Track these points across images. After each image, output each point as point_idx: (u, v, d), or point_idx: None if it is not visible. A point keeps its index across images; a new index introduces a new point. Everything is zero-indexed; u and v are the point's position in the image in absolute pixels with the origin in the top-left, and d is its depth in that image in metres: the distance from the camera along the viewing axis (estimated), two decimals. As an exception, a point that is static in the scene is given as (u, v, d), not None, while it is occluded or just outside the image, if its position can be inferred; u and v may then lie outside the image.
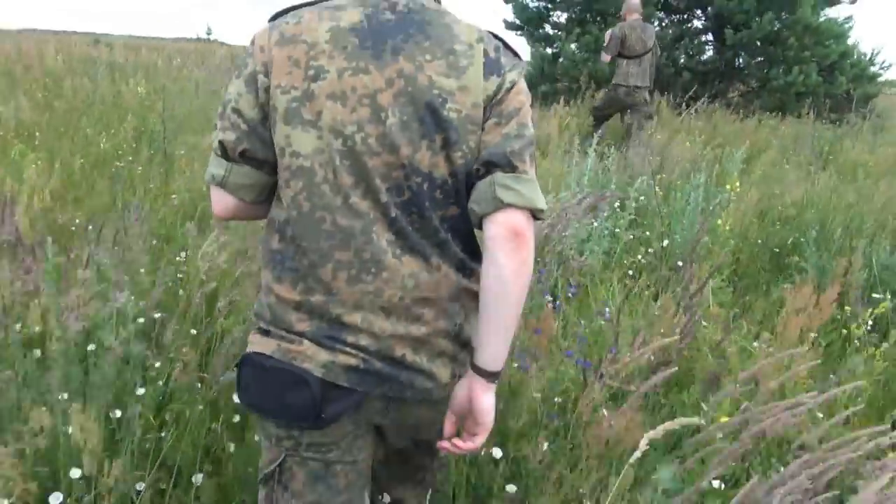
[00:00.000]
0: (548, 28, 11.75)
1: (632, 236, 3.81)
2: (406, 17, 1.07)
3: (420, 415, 1.19)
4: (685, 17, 11.95)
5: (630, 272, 3.64)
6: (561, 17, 11.63)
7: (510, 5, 11.66)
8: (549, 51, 11.32)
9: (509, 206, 1.03)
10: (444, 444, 1.17)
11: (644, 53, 6.62)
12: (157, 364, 1.93)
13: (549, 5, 11.56)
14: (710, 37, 11.63)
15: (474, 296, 1.11)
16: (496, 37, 1.12)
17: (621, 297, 2.50)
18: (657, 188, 4.06)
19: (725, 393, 1.70)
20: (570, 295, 3.12)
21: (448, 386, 1.14)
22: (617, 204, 4.48)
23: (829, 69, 10.32)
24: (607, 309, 2.05)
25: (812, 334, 2.07)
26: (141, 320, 1.97)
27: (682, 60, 11.18)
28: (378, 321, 1.08)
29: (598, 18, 11.01)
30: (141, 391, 1.79)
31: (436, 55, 1.05)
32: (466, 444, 1.15)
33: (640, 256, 3.76)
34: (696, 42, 11.39)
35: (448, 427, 1.17)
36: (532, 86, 10.72)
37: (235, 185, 1.11)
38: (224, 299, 1.99)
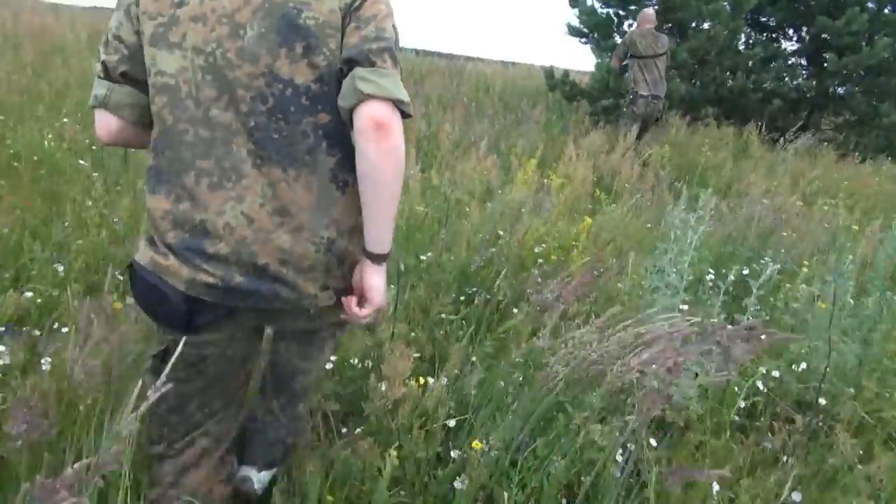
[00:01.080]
0: (617, 38, 10.38)
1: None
2: None
3: (297, 324, 1.32)
4: (775, 36, 10.47)
5: (742, 407, 2.36)
6: (633, 26, 10.26)
7: (576, 10, 10.36)
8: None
9: (370, 97, 1.09)
10: (344, 315, 1.30)
11: (654, 56, 6.79)
12: None
13: (622, 12, 10.19)
14: (803, 60, 10.14)
15: (353, 208, 1.20)
16: None
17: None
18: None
19: None
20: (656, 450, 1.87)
21: (319, 297, 1.22)
22: (710, 284, 3.21)
23: (952, 108, 8.74)
24: None
25: None
26: None
27: (767, 85, 9.69)
28: (240, 227, 1.14)
29: (676, 31, 9.60)
30: None
31: None
32: (357, 310, 1.27)
33: (760, 383, 2.46)
34: (788, 65, 9.89)
35: (348, 301, 1.28)
36: (594, 99, 9.41)
37: (117, 103, 1.20)
38: None
